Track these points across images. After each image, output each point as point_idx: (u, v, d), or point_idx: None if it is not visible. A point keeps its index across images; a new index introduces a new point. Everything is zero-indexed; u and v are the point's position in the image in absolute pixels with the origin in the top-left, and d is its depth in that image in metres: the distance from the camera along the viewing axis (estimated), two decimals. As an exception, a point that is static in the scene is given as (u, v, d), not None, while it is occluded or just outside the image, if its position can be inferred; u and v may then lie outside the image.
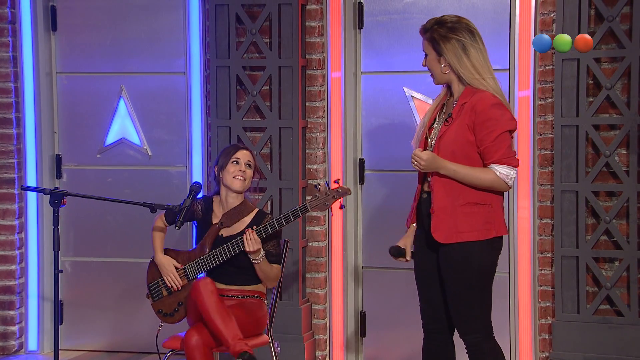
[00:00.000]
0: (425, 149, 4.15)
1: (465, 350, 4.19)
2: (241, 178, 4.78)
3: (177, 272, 4.79)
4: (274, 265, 4.79)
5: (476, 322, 4.11)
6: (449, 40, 4.08)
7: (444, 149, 4.06)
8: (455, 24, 4.10)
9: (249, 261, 4.71)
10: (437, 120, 4.19)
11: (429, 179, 4.15)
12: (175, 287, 4.79)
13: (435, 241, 4.11)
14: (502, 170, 4.02)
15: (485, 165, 4.06)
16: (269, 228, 4.65)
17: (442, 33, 4.09)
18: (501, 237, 4.13)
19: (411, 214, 4.27)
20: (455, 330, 4.21)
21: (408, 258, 4.28)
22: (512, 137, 4.10)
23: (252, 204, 4.92)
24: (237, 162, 4.80)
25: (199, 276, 4.79)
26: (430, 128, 4.19)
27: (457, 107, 4.10)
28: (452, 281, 4.10)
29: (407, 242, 4.30)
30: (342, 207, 4.53)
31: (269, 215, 4.82)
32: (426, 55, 4.17)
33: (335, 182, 4.55)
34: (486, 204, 4.07)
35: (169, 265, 4.81)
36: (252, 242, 4.63)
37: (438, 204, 4.06)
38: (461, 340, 4.20)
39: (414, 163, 4.04)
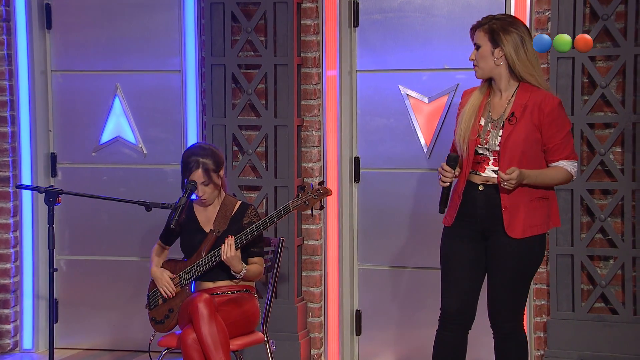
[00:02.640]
0: (476, 145, 4.19)
1: (499, 338, 4.22)
2: (204, 199, 4.78)
3: (172, 280, 4.81)
4: (254, 259, 4.80)
5: (520, 310, 4.22)
6: (510, 32, 4.15)
7: (512, 149, 4.13)
8: (514, 20, 4.20)
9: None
10: (484, 118, 4.21)
11: (480, 174, 4.18)
12: (169, 295, 4.81)
13: (484, 234, 4.19)
14: (571, 166, 4.18)
15: (550, 161, 4.17)
16: (254, 230, 4.67)
17: (503, 25, 4.16)
18: None
19: (452, 213, 4.27)
20: (489, 319, 4.25)
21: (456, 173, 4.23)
22: None
23: (233, 197, 4.93)
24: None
25: (192, 282, 4.81)
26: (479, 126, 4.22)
27: (517, 105, 4.14)
28: (512, 272, 4.17)
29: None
30: (321, 207, 4.62)
31: (252, 207, 4.83)
32: (478, 47, 4.20)
33: (318, 183, 4.62)
34: (548, 198, 4.21)
35: (162, 276, 4.82)
36: (228, 249, 4.65)
37: (510, 201, 4.14)
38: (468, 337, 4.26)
39: (504, 184, 4.07)
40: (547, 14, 5.26)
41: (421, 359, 5.47)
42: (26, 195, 6.02)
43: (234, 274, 4.72)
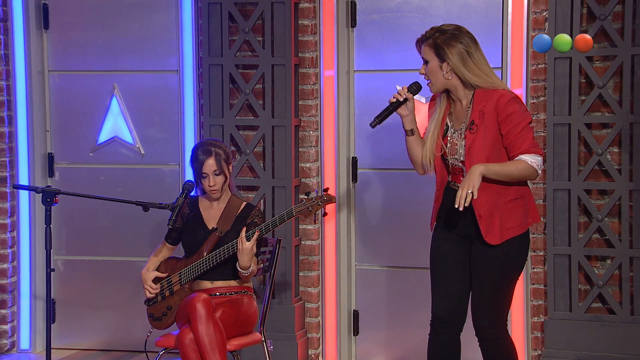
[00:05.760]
0: (444, 159, 4.20)
1: (483, 345, 4.22)
2: (214, 190, 4.79)
3: (170, 277, 4.81)
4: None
5: (501, 315, 4.20)
6: (453, 45, 4.13)
7: (477, 157, 4.12)
8: (456, 31, 4.16)
9: (230, 256, 4.75)
10: (449, 128, 4.21)
11: (458, 185, 4.17)
12: (149, 296, 4.83)
13: (468, 238, 4.19)
14: (532, 159, 4.10)
15: (512, 157, 4.12)
16: (260, 232, 4.68)
17: (445, 39, 4.14)
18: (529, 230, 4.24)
19: (432, 219, 4.30)
20: (473, 327, 4.24)
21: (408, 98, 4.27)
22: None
23: (239, 197, 4.93)
24: (205, 177, 4.78)
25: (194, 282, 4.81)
26: (444, 138, 4.22)
27: (475, 113, 4.14)
28: (490, 279, 4.16)
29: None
30: (324, 214, 4.63)
31: (257, 208, 4.84)
32: (426, 62, 4.19)
33: (324, 190, 4.63)
34: (523, 197, 4.19)
35: (146, 279, 4.85)
36: (244, 240, 4.65)
37: (483, 209, 4.13)
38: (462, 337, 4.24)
39: (469, 195, 3.99)
40: (544, 14, 5.26)
41: (418, 359, 5.47)
42: (23, 195, 6.02)
43: (239, 269, 4.70)
